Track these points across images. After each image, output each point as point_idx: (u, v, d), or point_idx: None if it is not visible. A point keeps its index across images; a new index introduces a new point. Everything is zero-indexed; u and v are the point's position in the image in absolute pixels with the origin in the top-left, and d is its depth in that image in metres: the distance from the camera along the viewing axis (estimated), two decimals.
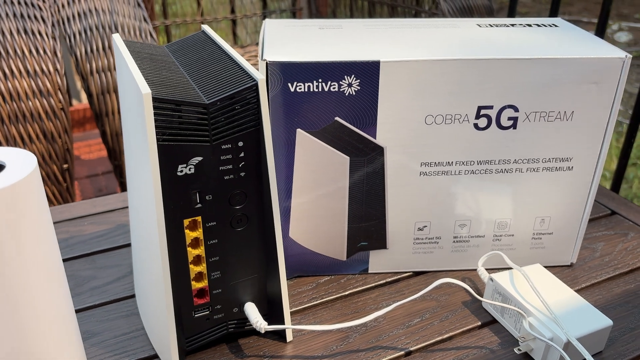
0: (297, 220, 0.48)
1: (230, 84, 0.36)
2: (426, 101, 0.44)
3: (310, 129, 0.45)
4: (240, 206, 0.39)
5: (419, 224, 0.49)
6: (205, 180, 0.37)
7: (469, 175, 0.48)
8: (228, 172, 0.37)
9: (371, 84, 0.43)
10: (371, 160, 0.46)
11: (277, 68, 0.42)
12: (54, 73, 0.79)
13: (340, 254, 0.50)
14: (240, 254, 0.41)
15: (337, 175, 0.47)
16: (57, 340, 0.34)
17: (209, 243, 0.39)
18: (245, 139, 0.37)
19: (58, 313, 0.34)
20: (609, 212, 0.61)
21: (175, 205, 0.37)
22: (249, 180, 0.38)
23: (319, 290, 0.50)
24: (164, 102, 0.34)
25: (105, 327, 0.46)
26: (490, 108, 0.45)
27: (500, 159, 0.47)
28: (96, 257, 0.54)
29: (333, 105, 0.44)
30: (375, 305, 0.48)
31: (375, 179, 0.47)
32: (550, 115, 0.46)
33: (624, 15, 3.33)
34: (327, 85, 0.43)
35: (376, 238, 0.50)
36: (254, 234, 0.40)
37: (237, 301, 0.42)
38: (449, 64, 0.43)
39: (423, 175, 0.47)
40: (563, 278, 0.51)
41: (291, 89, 0.43)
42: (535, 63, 0.44)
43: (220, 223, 0.39)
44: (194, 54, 0.41)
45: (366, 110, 0.44)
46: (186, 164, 0.36)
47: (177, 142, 0.35)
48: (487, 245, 0.51)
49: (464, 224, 0.50)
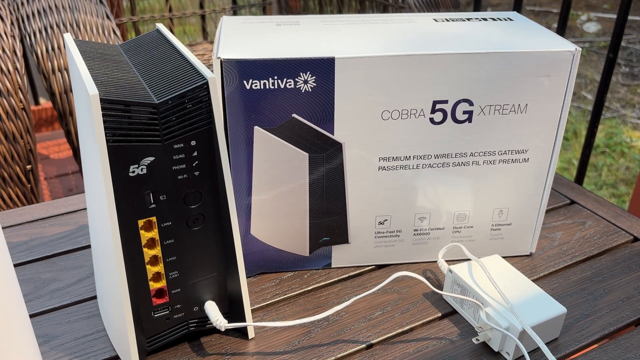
0: (258, 218, 0.48)
1: (181, 83, 0.36)
2: (382, 97, 0.45)
3: (267, 126, 0.45)
4: (196, 205, 0.39)
5: (380, 217, 0.50)
6: (158, 180, 0.37)
7: (427, 169, 0.48)
8: (181, 171, 0.37)
9: (327, 80, 0.43)
10: (330, 156, 0.47)
11: (232, 66, 0.42)
12: (14, 72, 0.78)
13: (303, 249, 0.51)
14: (197, 253, 0.41)
15: (297, 172, 0.47)
16: (8, 348, 0.34)
17: (165, 243, 0.39)
18: (198, 138, 0.37)
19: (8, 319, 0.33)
20: (568, 202, 0.62)
21: (129, 206, 0.37)
22: (204, 179, 0.38)
23: (282, 287, 0.50)
24: (112, 103, 0.34)
25: (66, 330, 0.45)
26: (445, 102, 0.46)
27: (457, 152, 0.48)
28: (57, 259, 0.53)
29: (290, 102, 0.44)
30: (338, 300, 0.48)
31: (334, 175, 0.47)
32: (504, 108, 0.46)
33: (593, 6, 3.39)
34: (282, 82, 0.43)
35: (338, 233, 0.50)
36: (211, 232, 0.40)
37: (197, 300, 0.42)
38: (403, 60, 0.43)
39: (382, 169, 0.48)
40: (522, 268, 0.52)
41: (247, 86, 0.43)
42: (488, 57, 0.44)
43: (176, 223, 0.39)
44: (147, 53, 0.41)
45: (323, 106, 0.44)
46: (138, 165, 0.36)
47: (127, 142, 0.35)
48: (447, 237, 0.52)
49: (424, 216, 0.50)
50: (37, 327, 0.45)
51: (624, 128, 2.30)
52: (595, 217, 0.59)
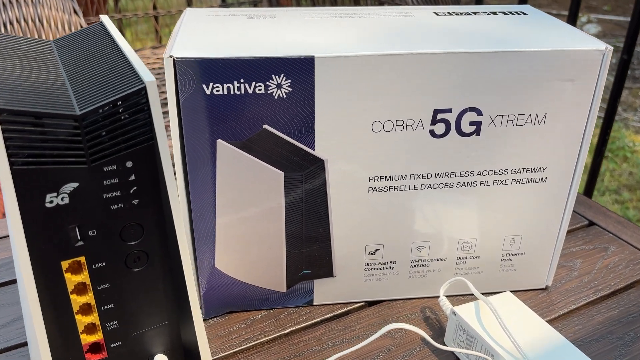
0: (224, 248, 0.41)
1: (113, 89, 0.28)
2: (372, 104, 0.37)
3: (233, 139, 0.37)
4: (136, 242, 0.31)
5: (370, 247, 0.42)
6: (86, 211, 0.29)
7: (427, 190, 0.40)
8: (115, 200, 0.29)
9: (305, 84, 0.36)
10: (310, 175, 0.39)
11: (188, 66, 0.34)
12: None
13: (279, 284, 0.43)
14: (142, 299, 0.33)
15: (270, 194, 0.39)
16: None
17: (99, 288, 0.31)
18: (136, 157, 0.29)
19: None
20: (586, 223, 0.55)
21: (48, 245, 0.29)
22: (145, 209, 0.30)
23: (254, 329, 0.42)
24: (16, 115, 0.26)
25: None
26: (449, 112, 0.38)
27: (462, 171, 0.40)
28: None
29: (260, 111, 0.36)
30: (320, 347, 0.40)
31: (316, 197, 0.40)
32: (519, 118, 0.39)
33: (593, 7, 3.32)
34: (251, 86, 0.35)
35: (321, 265, 0.42)
36: (158, 273, 0.32)
37: (144, 353, 0.34)
38: (398, 60, 0.36)
39: (372, 191, 0.40)
40: (537, 305, 0.45)
41: (207, 91, 0.35)
42: (500, 57, 0.37)
43: (112, 263, 0.31)
44: (82, 51, 0.33)
45: (301, 116, 0.37)
46: (57, 193, 0.28)
47: (41, 165, 0.27)
48: (449, 269, 0.44)
49: (423, 245, 0.43)
50: None
51: (626, 132, 2.23)
52: (619, 242, 0.52)
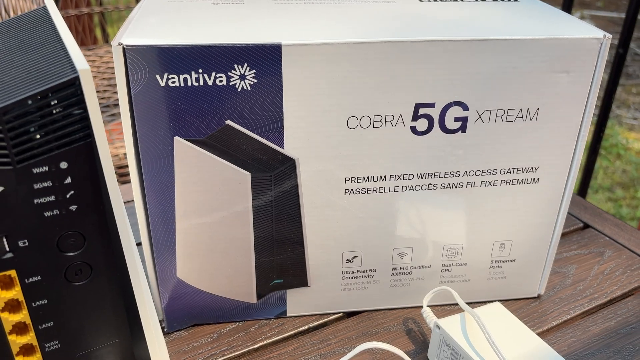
0: (186, 256, 0.37)
1: (43, 79, 0.25)
2: (347, 98, 0.33)
3: (192, 136, 0.33)
4: (77, 252, 0.27)
5: (348, 254, 0.39)
6: (13, 219, 0.25)
7: (408, 192, 0.37)
8: (49, 205, 0.26)
9: (272, 75, 0.32)
10: (280, 175, 0.35)
11: (139, 54, 0.31)
12: None
13: (249, 295, 0.39)
14: (85, 316, 0.29)
15: (236, 197, 0.35)
16: None
17: (35, 305, 0.28)
18: (71, 156, 0.25)
19: None
20: (581, 226, 0.51)
21: None
22: (85, 215, 0.27)
23: (221, 344, 0.38)
24: None
25: None
26: (432, 106, 0.34)
27: (446, 171, 0.37)
28: None
29: (222, 105, 0.33)
30: None
31: (287, 200, 0.36)
32: (509, 114, 0.35)
33: (586, 4, 3.30)
34: (210, 77, 0.32)
35: (294, 274, 0.39)
36: (103, 287, 0.29)
37: None
38: (376, 48, 0.32)
39: (349, 193, 0.36)
40: (529, 315, 0.41)
41: (161, 82, 0.31)
42: (488, 46, 0.33)
43: (49, 277, 0.27)
44: (18, 37, 0.30)
45: (268, 110, 0.33)
46: None
47: None
48: (434, 277, 0.41)
49: (405, 252, 0.39)
50: None
51: (620, 129, 2.21)
52: (616, 246, 0.48)
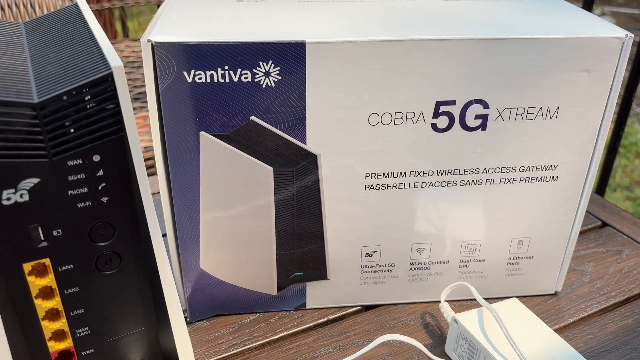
0: (209, 248, 0.38)
1: (78, 75, 0.25)
2: (369, 95, 0.34)
3: (218, 131, 0.34)
4: (107, 242, 0.28)
5: (367, 248, 0.39)
6: (49, 209, 0.26)
7: (428, 188, 0.37)
8: (82, 197, 0.27)
9: (296, 72, 0.33)
10: (302, 171, 0.36)
11: (167, 51, 0.31)
12: None
13: (269, 287, 0.40)
14: (114, 304, 0.30)
15: (258, 191, 0.36)
16: None
17: (67, 292, 0.29)
18: (103, 150, 0.26)
19: None
20: (599, 224, 0.51)
21: (7, 246, 0.26)
22: (115, 207, 0.28)
23: (242, 334, 0.39)
24: None
25: None
26: (452, 104, 0.35)
27: (466, 168, 0.37)
28: None
29: (246, 101, 0.33)
30: (311, 354, 0.38)
31: (308, 195, 0.37)
32: (529, 112, 0.36)
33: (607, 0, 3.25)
34: (236, 74, 0.32)
35: (314, 267, 0.40)
36: (132, 276, 0.30)
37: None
38: (398, 47, 0.33)
39: (369, 188, 0.37)
40: (546, 311, 0.42)
41: (188, 79, 0.32)
42: (509, 45, 0.33)
43: (80, 266, 0.28)
44: (52, 33, 0.31)
45: (291, 106, 0.34)
46: (15, 189, 0.25)
47: None
48: (452, 272, 0.41)
49: (423, 247, 0.40)
50: None
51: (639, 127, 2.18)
52: (634, 245, 0.48)
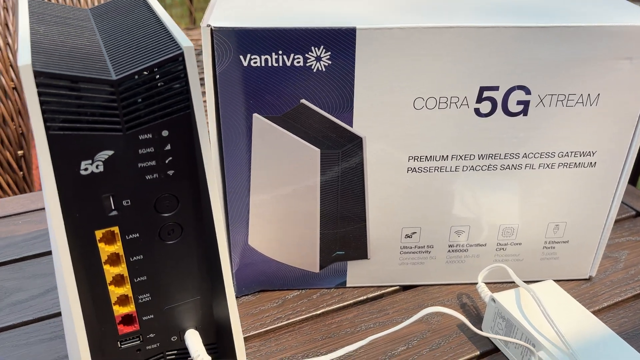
0: (257, 226, 0.40)
1: (149, 55, 0.27)
2: (415, 80, 0.35)
3: (270, 113, 0.36)
4: (171, 213, 0.30)
5: (407, 230, 0.41)
6: (120, 180, 0.28)
7: (468, 172, 0.39)
8: (150, 170, 0.29)
9: (345, 57, 0.34)
10: (347, 153, 0.38)
11: (226, 36, 0.33)
12: (5, 48, 0.70)
13: (312, 265, 0.42)
14: (174, 273, 0.32)
15: (305, 172, 0.38)
16: None
17: (132, 260, 0.31)
18: (172, 126, 0.28)
19: None
20: (633, 214, 0.52)
21: (82, 213, 0.28)
22: (180, 180, 0.30)
23: (286, 309, 0.41)
24: (53, 78, 0.25)
25: (21, 354, 0.37)
26: (496, 89, 0.36)
27: (506, 153, 0.38)
28: (25, 264, 0.45)
29: (298, 84, 0.35)
30: (352, 329, 0.40)
31: (352, 176, 0.38)
32: (569, 99, 0.37)
33: None
34: (289, 58, 0.34)
35: (355, 246, 0.41)
36: (192, 247, 0.32)
37: (175, 328, 0.34)
38: (445, 33, 0.34)
39: (412, 171, 0.38)
40: (580, 295, 0.43)
41: (244, 62, 0.34)
42: (552, 33, 0.35)
43: (146, 235, 0.30)
44: (119, 18, 0.33)
45: (340, 91, 0.35)
46: (92, 160, 0.27)
47: (77, 131, 0.26)
48: (489, 255, 0.42)
49: (462, 230, 0.41)
50: None
51: None
52: None
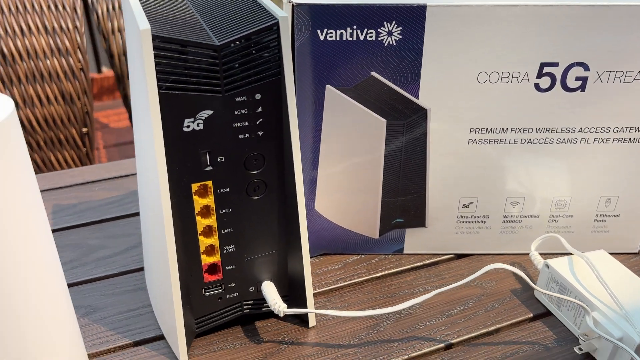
0: (324, 192, 0.43)
1: (246, 24, 0.30)
2: (480, 55, 0.38)
3: (341, 85, 0.39)
4: (258, 171, 0.33)
5: (465, 200, 0.43)
6: (217, 138, 0.32)
7: (526, 144, 0.41)
8: (243, 129, 0.32)
9: (415, 32, 0.37)
10: (412, 124, 0.40)
11: (305, 11, 0.36)
12: (74, 31, 0.75)
13: (372, 231, 0.45)
14: (257, 226, 0.35)
15: (372, 141, 0.41)
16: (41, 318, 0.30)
17: (222, 212, 0.34)
18: (264, 90, 0.31)
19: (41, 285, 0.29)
20: None
21: (182, 167, 0.32)
22: (268, 140, 0.33)
23: (347, 271, 0.44)
24: (166, 42, 0.28)
25: (110, 302, 0.41)
26: (555, 65, 0.38)
27: (563, 127, 0.40)
28: (105, 225, 0.49)
29: (369, 58, 0.38)
30: (411, 290, 0.42)
31: (415, 147, 0.41)
32: (627, 75, 0.38)
33: None
34: (362, 33, 0.37)
35: (414, 214, 0.44)
36: (273, 203, 0.35)
37: (253, 279, 0.37)
38: (510, 11, 0.36)
39: (472, 143, 0.41)
40: (630, 268, 0.44)
41: (320, 36, 0.37)
42: (612, 11, 0.36)
43: (235, 190, 0.34)
44: None
45: (408, 64, 0.38)
46: (194, 119, 0.31)
47: (182, 91, 0.30)
48: (541, 226, 0.45)
49: (517, 201, 0.43)
50: (81, 297, 0.42)
51: None
52: None
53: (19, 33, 0.73)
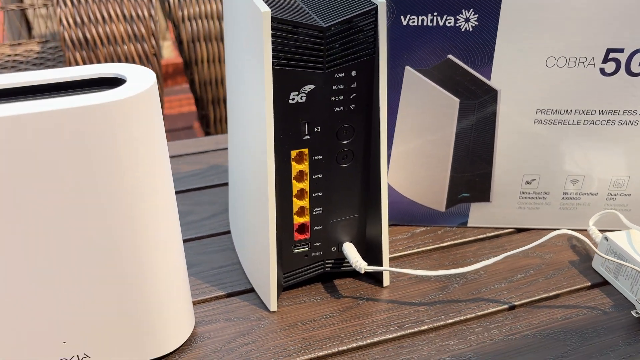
0: (396, 166, 0.47)
1: (347, 9, 0.34)
2: (550, 41, 0.41)
3: (420, 66, 0.42)
4: (348, 141, 0.38)
5: (528, 176, 0.46)
6: (316, 110, 0.36)
7: (589, 125, 0.44)
8: (338, 103, 0.36)
9: (490, 19, 0.40)
10: (483, 104, 0.44)
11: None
12: (149, 18, 0.80)
13: (439, 204, 0.48)
14: (342, 192, 0.39)
15: (445, 119, 0.44)
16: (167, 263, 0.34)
17: (314, 177, 0.38)
18: (359, 68, 0.35)
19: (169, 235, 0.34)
20: None
21: (285, 135, 0.36)
22: (359, 114, 0.37)
23: (415, 240, 0.48)
24: (282, 23, 0.33)
25: (203, 260, 0.46)
26: (621, 51, 0.41)
27: (625, 110, 0.43)
28: (192, 194, 0.54)
29: (447, 42, 0.41)
30: (476, 259, 0.46)
31: (485, 125, 0.44)
32: None
33: None
34: (442, 19, 0.40)
35: (479, 190, 0.47)
36: (359, 172, 0.39)
37: (336, 240, 0.41)
38: (579, 0, 0.39)
39: (538, 123, 0.44)
40: None
41: (403, 22, 0.41)
42: None
43: (326, 157, 0.38)
44: None
45: (482, 48, 0.41)
46: (298, 92, 0.35)
47: (291, 67, 0.34)
48: (599, 204, 0.47)
49: (577, 179, 0.46)
50: None
51: None
52: None
53: (101, 20, 0.78)
